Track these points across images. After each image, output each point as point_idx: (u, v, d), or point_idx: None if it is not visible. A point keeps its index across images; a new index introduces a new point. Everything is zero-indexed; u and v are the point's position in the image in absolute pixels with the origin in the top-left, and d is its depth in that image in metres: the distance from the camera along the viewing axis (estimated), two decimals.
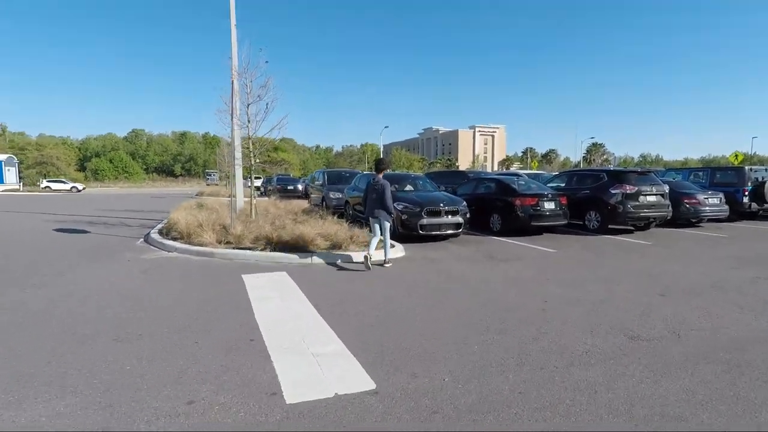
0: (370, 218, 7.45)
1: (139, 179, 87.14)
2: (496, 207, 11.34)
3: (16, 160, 43.91)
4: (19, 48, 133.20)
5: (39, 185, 41.59)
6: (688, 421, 2.68)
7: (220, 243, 8.32)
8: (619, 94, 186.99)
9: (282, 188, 28.22)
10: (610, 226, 11.45)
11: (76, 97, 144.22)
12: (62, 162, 62.45)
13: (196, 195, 27.75)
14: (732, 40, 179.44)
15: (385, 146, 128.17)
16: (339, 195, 14.20)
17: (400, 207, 9.58)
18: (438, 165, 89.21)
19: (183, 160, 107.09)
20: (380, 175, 7.53)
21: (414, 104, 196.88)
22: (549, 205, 10.78)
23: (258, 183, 39.79)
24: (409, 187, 11.68)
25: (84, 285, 5.90)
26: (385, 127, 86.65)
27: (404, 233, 9.51)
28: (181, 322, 4.39)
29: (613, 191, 11.07)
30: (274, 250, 7.75)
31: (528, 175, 18.22)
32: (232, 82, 8.84)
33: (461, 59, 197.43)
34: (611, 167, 13.75)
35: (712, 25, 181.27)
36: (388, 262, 7.21)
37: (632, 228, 12.01)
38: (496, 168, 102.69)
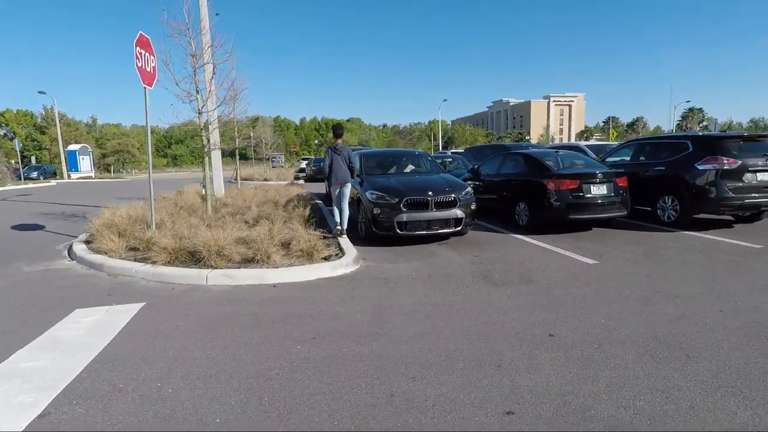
0: (332, 186, 7.40)
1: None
2: (522, 192, 8.27)
3: (89, 149, 46.59)
4: (114, 46, 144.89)
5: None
6: None
7: (124, 249, 6.36)
8: (723, 48, 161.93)
9: (318, 170, 26.47)
10: (695, 217, 7.90)
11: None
12: (138, 150, 66.12)
13: (233, 179, 26.78)
14: None
15: (452, 122, 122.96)
16: None
17: (372, 197, 6.97)
18: (507, 139, 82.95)
19: (254, 144, 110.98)
20: (340, 141, 7.49)
21: (485, 76, 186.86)
22: (598, 190, 7.51)
23: (304, 165, 38.63)
24: (410, 167, 8.96)
25: None
26: (444, 100, 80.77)
27: (380, 234, 6.90)
28: None
29: (701, 167, 7.48)
30: (171, 262, 5.60)
31: (590, 146, 14.52)
32: (141, 37, 6.62)
33: (534, 21, 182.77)
34: (702, 133, 9.67)
35: None
36: (340, 233, 7.05)
37: (732, 218, 8.32)
38: (573, 140, 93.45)
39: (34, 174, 41.95)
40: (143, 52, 6.64)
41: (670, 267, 5.45)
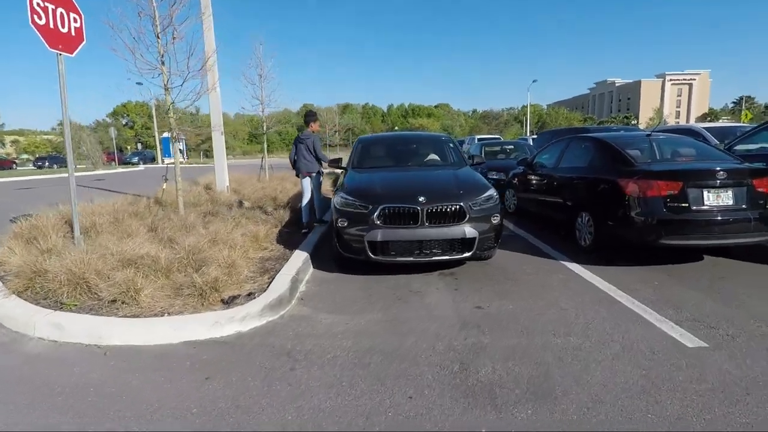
0: (300, 176, 6.94)
1: None
2: (587, 196, 5.47)
3: (183, 136, 49.77)
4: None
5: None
6: None
7: (17, 265, 4.92)
8: None
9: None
10: None
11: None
12: (233, 137, 69.83)
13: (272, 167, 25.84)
14: None
15: (547, 106, 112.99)
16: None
17: (339, 202, 4.77)
18: (610, 123, 73.75)
19: (342, 131, 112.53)
20: (309, 129, 6.96)
21: (588, 57, 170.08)
22: (718, 197, 4.50)
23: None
24: (429, 157, 6.57)
25: None
26: (534, 81, 72.50)
27: (349, 257, 4.68)
28: None
29: None
30: (25, 290, 3.96)
31: (710, 129, 10.69)
32: None
33: None
34: None
35: None
36: (319, 222, 6.77)
37: None
38: (691, 123, 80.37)
39: (135, 159, 45.54)
40: (49, 5, 5.05)
41: None
